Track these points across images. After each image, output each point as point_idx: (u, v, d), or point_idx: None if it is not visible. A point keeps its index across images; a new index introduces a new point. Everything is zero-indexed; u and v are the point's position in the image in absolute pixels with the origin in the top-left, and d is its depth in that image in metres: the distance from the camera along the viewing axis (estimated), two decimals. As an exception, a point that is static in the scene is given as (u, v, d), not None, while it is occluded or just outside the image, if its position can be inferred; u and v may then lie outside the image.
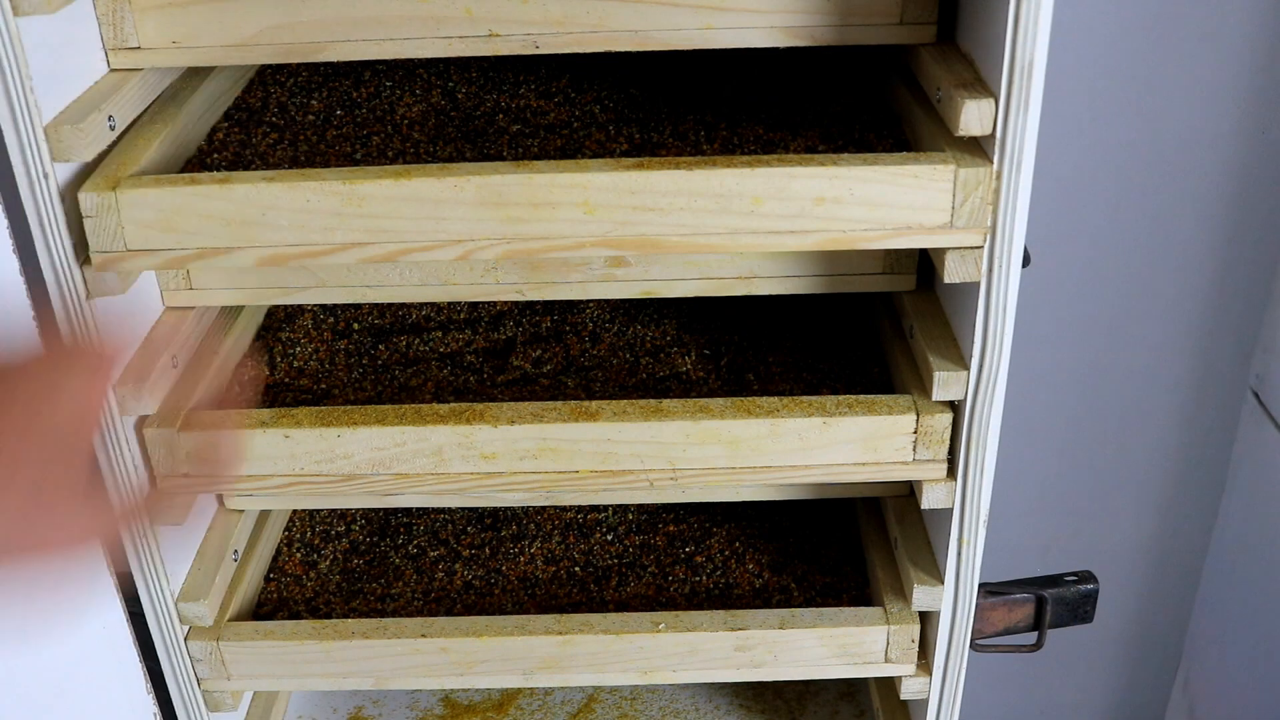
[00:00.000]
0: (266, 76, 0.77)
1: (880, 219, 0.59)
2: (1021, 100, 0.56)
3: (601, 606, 0.77)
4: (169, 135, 0.65)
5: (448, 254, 0.59)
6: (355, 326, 0.79)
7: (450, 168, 0.58)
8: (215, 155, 0.67)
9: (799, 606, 0.74)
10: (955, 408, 0.65)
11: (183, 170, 0.66)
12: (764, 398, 0.67)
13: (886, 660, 0.72)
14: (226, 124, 0.71)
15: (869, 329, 0.78)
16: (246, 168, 0.66)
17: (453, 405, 0.67)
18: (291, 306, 0.81)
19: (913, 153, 0.60)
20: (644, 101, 0.72)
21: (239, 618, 0.75)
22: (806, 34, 0.66)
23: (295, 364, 0.76)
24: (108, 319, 0.61)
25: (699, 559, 0.80)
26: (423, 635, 0.71)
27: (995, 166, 0.58)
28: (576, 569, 0.80)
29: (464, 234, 0.59)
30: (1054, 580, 0.81)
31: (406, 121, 0.71)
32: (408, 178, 0.57)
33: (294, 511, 0.85)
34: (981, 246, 0.60)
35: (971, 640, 0.71)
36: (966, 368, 0.63)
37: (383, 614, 0.76)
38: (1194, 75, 0.97)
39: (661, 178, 0.58)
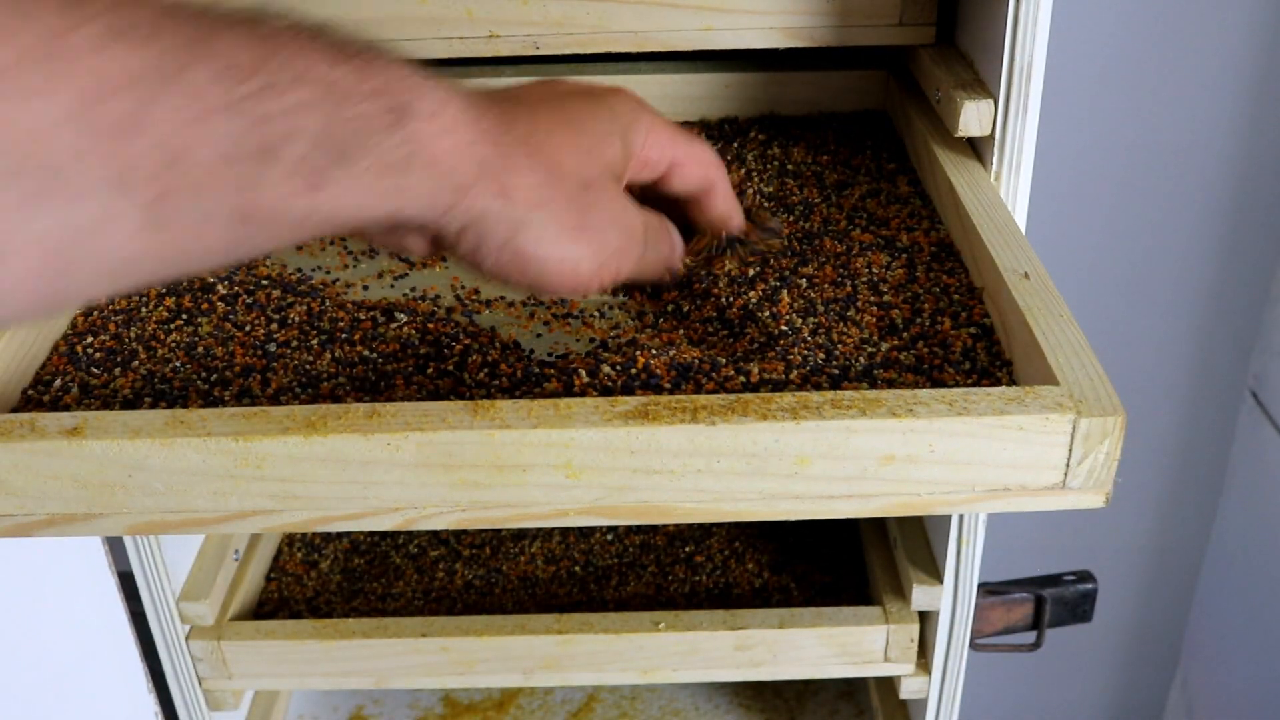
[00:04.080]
0: None
1: (967, 480, 0.44)
2: (1021, 101, 0.56)
3: (601, 606, 0.77)
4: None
5: (382, 523, 0.46)
6: None
7: (380, 416, 0.43)
8: (55, 384, 0.50)
9: (799, 606, 0.74)
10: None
11: (22, 399, 0.50)
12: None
13: (886, 660, 0.72)
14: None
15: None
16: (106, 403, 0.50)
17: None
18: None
19: (1016, 389, 0.44)
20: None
21: (240, 617, 0.75)
22: (806, 35, 0.66)
23: None
24: None
25: (699, 558, 0.80)
26: (423, 634, 0.71)
27: (995, 168, 0.58)
28: (576, 568, 0.80)
29: (402, 500, 0.45)
30: (1053, 580, 0.81)
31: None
32: (322, 433, 0.43)
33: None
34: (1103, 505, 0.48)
35: (971, 640, 0.71)
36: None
37: (383, 613, 0.76)
38: (1193, 76, 0.97)
39: (673, 435, 0.42)
